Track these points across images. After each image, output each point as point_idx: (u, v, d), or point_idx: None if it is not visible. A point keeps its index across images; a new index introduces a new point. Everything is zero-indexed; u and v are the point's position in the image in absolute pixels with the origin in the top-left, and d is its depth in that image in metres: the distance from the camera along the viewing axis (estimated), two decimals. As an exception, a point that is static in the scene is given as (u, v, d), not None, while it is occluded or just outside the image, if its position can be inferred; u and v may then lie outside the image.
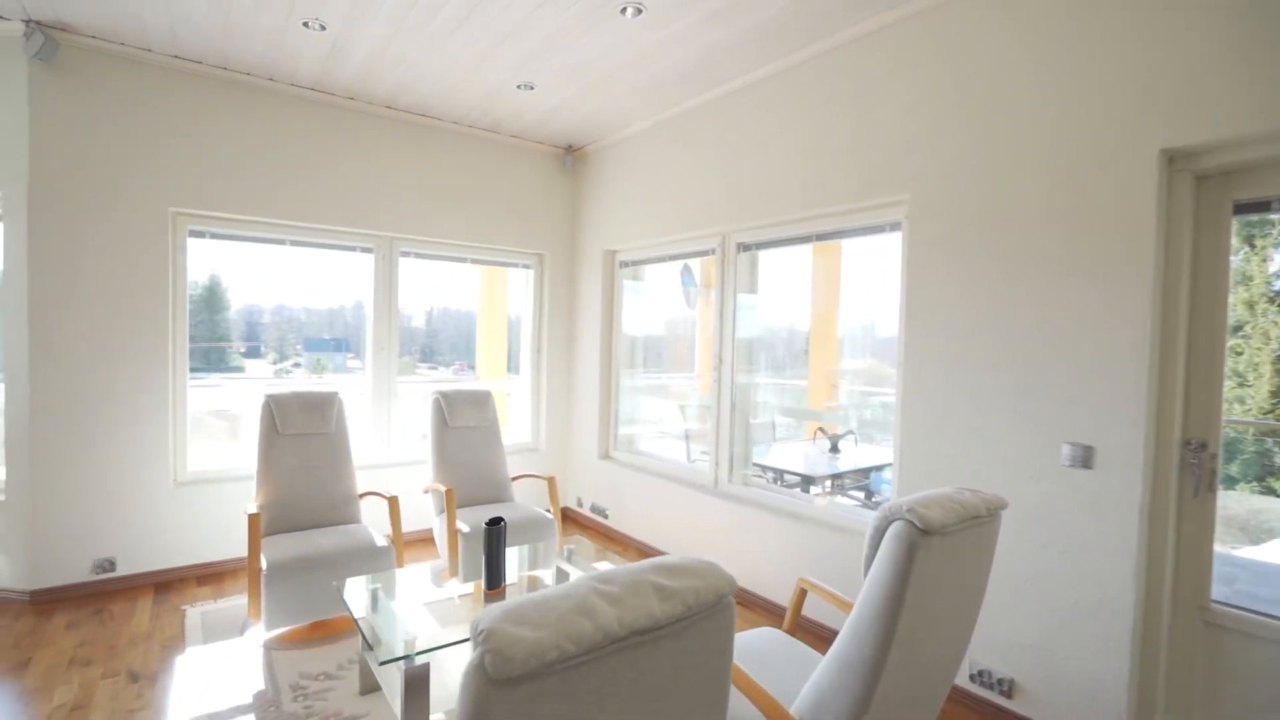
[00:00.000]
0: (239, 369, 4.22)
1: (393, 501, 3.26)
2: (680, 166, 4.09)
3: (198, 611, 3.18)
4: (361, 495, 3.50)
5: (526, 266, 5.07)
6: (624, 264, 4.80)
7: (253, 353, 4.36)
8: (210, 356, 4.04)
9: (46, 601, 3.26)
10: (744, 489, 3.74)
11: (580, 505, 5.01)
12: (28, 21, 3.11)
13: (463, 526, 3.38)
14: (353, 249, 4.26)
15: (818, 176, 3.19)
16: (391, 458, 4.36)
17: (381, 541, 3.11)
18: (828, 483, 3.86)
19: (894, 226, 2.98)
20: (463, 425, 3.98)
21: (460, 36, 3.16)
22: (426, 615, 2.40)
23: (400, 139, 4.26)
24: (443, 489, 3.55)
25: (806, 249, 3.67)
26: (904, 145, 2.79)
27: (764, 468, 3.93)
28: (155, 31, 3.19)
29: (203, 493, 3.67)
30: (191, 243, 3.70)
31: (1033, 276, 2.35)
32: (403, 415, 4.53)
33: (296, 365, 4.52)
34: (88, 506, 3.35)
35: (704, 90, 3.75)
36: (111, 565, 3.41)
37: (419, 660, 2.07)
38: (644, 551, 4.30)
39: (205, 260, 3.84)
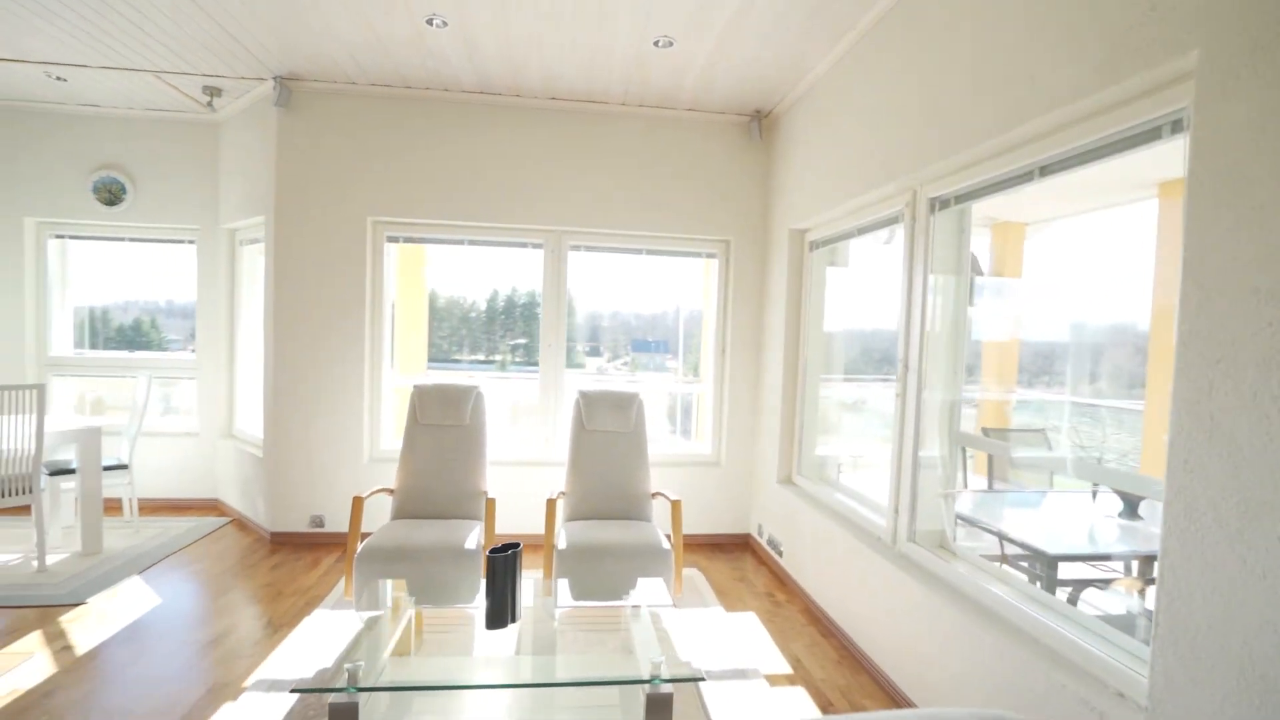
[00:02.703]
0: (580, 366, 4.62)
1: (488, 505, 3.11)
2: (861, 109, 3.04)
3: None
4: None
5: (710, 255, 4.49)
6: (815, 245, 3.85)
7: (594, 352, 4.75)
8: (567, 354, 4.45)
9: (279, 542, 4.03)
10: (935, 558, 2.56)
11: (760, 534, 4.23)
12: (275, 78, 3.85)
13: (560, 543, 3.05)
14: (524, 245, 4.31)
15: (1022, 66, 1.94)
16: (551, 456, 4.29)
17: (471, 545, 2.98)
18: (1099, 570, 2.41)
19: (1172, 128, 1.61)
20: (601, 429, 3.65)
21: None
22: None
23: (566, 129, 4.15)
24: (553, 496, 3.27)
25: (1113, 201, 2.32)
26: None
27: (1001, 537, 2.66)
28: (343, 63, 3.64)
29: (388, 470, 4.11)
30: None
31: None
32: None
33: (625, 364, 4.78)
34: (309, 471, 4.04)
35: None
36: (321, 522, 4.05)
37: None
38: (811, 611, 3.36)
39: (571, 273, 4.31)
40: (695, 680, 2.04)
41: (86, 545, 3.67)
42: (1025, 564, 2.54)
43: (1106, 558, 2.50)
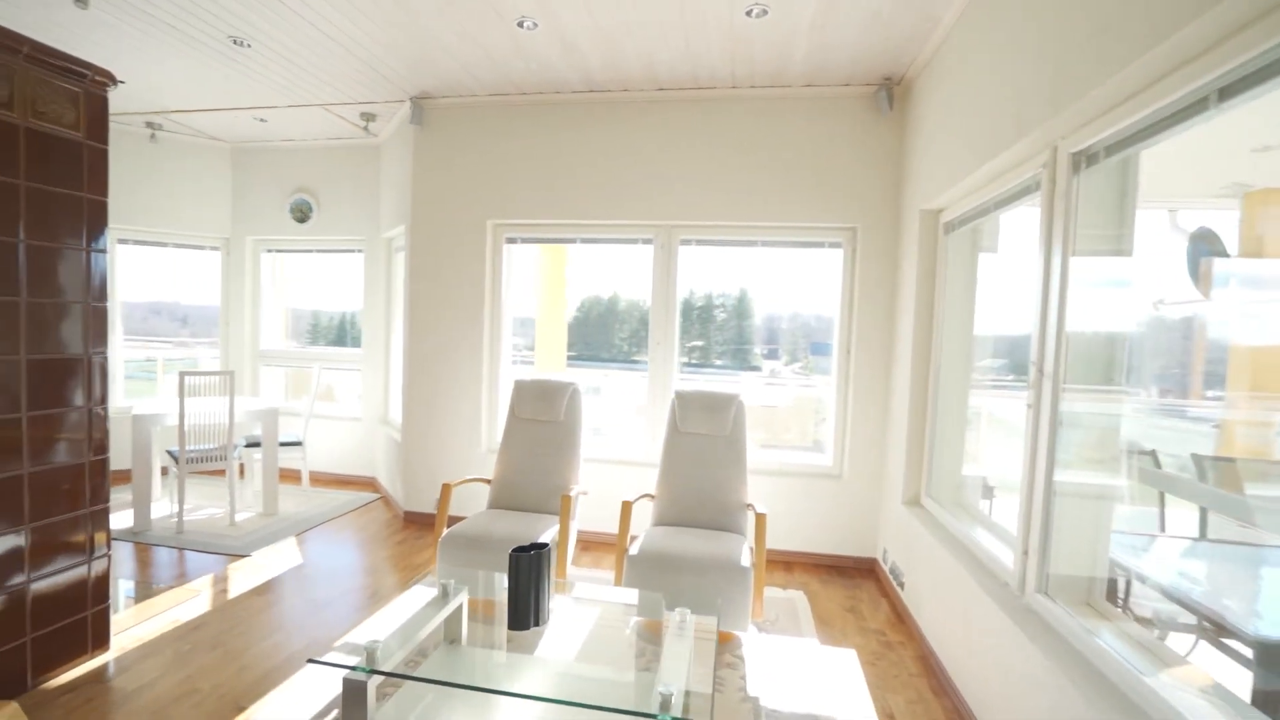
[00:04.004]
0: (756, 368, 4.57)
1: (564, 501, 3.08)
2: (992, 47, 2.50)
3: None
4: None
5: (834, 245, 4.04)
6: (950, 226, 3.26)
7: (772, 355, 4.66)
8: (736, 357, 4.57)
9: (410, 520, 4.42)
10: (1071, 619, 2.00)
11: (885, 560, 3.70)
12: (410, 99, 4.24)
13: (632, 549, 2.92)
14: (634, 241, 4.25)
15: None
16: (653, 457, 4.17)
17: (544, 539, 2.98)
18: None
19: None
20: (695, 432, 3.45)
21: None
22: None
23: (673, 119, 4.01)
24: (630, 499, 3.15)
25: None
26: None
27: (1195, 611, 2.02)
28: (460, 78, 3.88)
29: (503, 461, 4.30)
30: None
31: None
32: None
33: (803, 368, 4.68)
34: (436, 457, 4.38)
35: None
36: (445, 506, 4.37)
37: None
38: (926, 659, 2.84)
39: (734, 276, 4.35)
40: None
41: (266, 507, 4.36)
42: (1237, 651, 1.84)
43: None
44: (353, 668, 1.81)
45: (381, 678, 1.84)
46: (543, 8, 3.02)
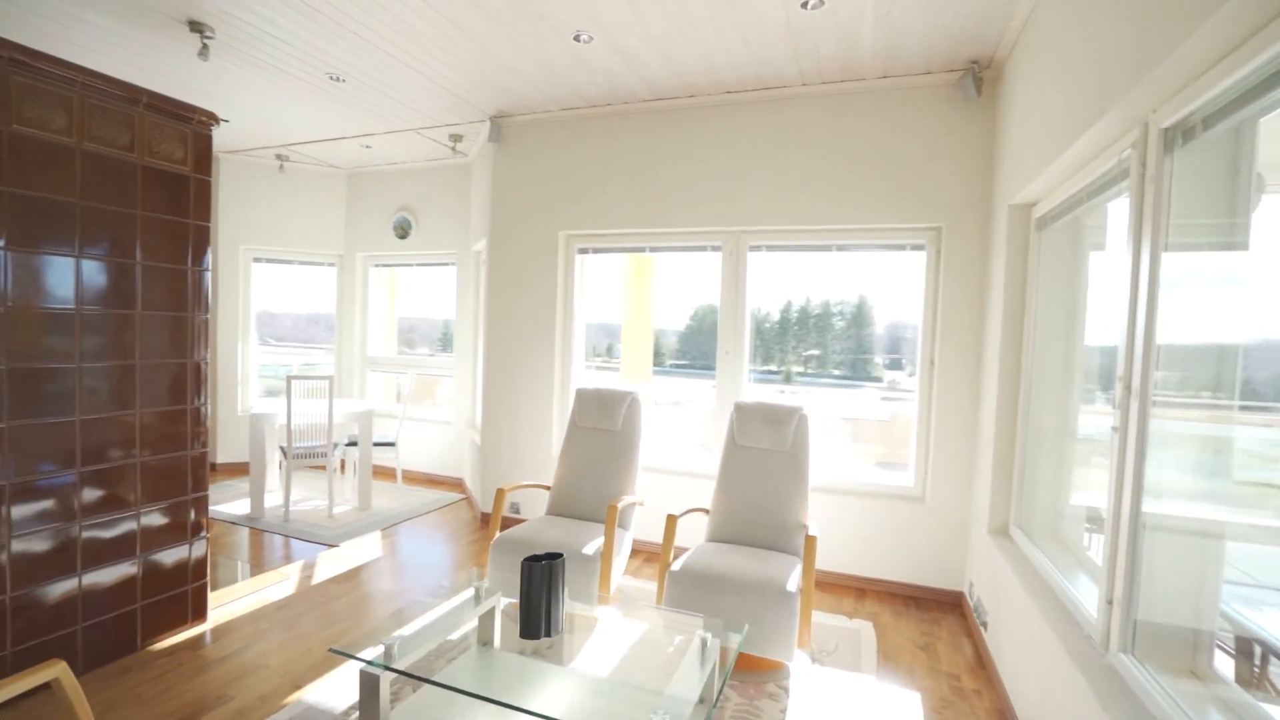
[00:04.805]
0: (877, 379, 4.31)
1: (610, 511, 3.05)
2: (1066, 19, 2.18)
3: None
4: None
5: (916, 248, 3.72)
6: (1043, 222, 2.89)
7: (894, 365, 4.35)
8: (856, 367, 4.32)
9: (486, 522, 4.61)
10: (1163, 690, 1.68)
11: (971, 594, 3.33)
12: (490, 118, 4.46)
13: (675, 564, 2.83)
14: (703, 249, 4.17)
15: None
16: (714, 469, 4.03)
17: (589, 551, 2.97)
18: None
19: None
20: (753, 445, 3.31)
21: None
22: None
23: (741, 123, 3.89)
24: (677, 515, 3.06)
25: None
26: None
27: None
28: (530, 94, 4.02)
29: (571, 468, 4.37)
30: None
31: None
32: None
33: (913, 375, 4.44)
34: (511, 462, 4.54)
35: None
36: (517, 509, 4.51)
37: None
38: (1004, 714, 2.50)
39: (854, 284, 4.11)
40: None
41: (361, 502, 4.74)
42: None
43: None
44: (369, 662, 1.90)
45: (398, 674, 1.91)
46: (594, 21, 3.06)
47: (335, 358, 6.15)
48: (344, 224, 6.06)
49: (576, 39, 3.25)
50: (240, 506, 4.61)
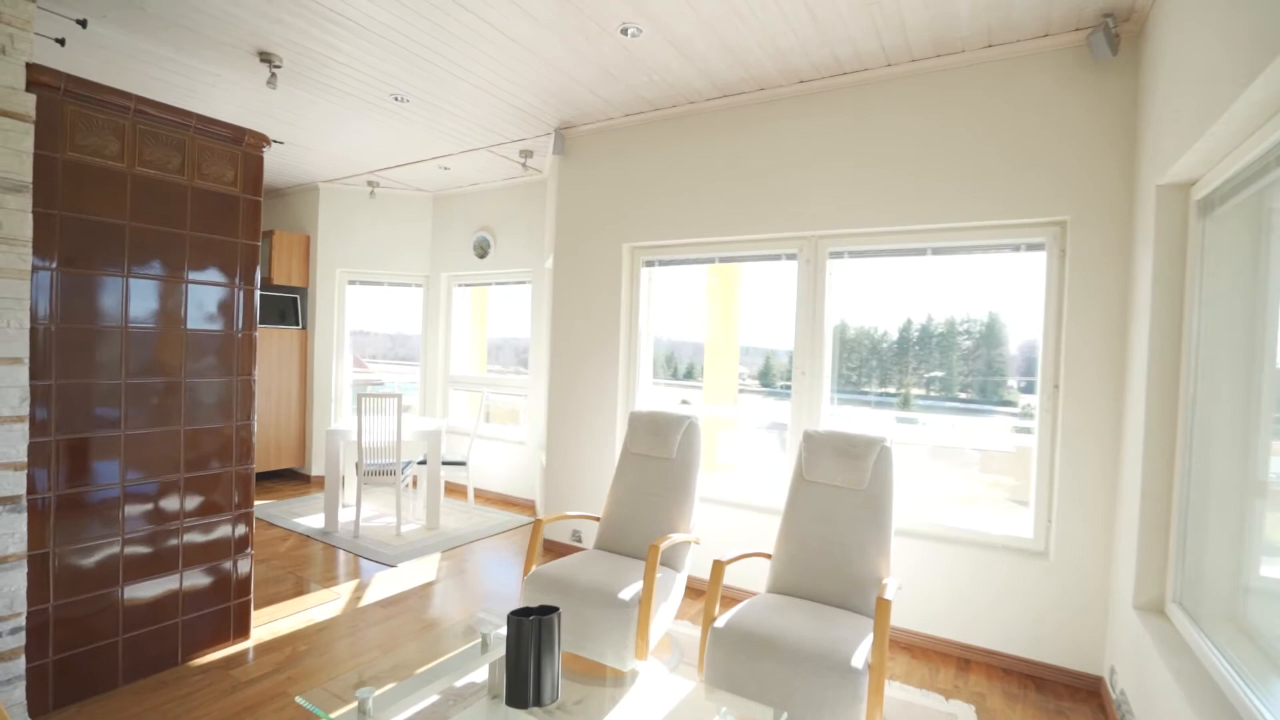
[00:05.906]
0: (1010, 404, 3.71)
1: (651, 550, 2.69)
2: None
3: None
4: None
5: (1034, 247, 3.08)
6: (1207, 205, 2.22)
7: (1028, 389, 3.64)
8: (986, 389, 3.78)
9: (549, 549, 4.39)
10: None
11: (1112, 683, 2.62)
12: (555, 130, 4.34)
13: (720, 621, 2.43)
14: (778, 257, 3.75)
15: None
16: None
17: (625, 596, 2.64)
18: None
19: None
20: (823, 482, 2.83)
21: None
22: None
23: (817, 115, 3.46)
24: (724, 561, 2.65)
25: None
26: None
27: None
28: (590, 101, 3.84)
29: (633, 496, 4.05)
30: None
31: None
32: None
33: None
34: (573, 488, 4.31)
35: None
36: (579, 537, 4.27)
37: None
38: None
39: (985, 299, 3.56)
40: None
41: (429, 521, 4.72)
42: None
43: None
44: (328, 719, 1.70)
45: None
46: (638, 9, 2.80)
47: (419, 376, 6.30)
48: (430, 245, 6.23)
49: (624, 32, 3.01)
50: (316, 520, 4.74)
